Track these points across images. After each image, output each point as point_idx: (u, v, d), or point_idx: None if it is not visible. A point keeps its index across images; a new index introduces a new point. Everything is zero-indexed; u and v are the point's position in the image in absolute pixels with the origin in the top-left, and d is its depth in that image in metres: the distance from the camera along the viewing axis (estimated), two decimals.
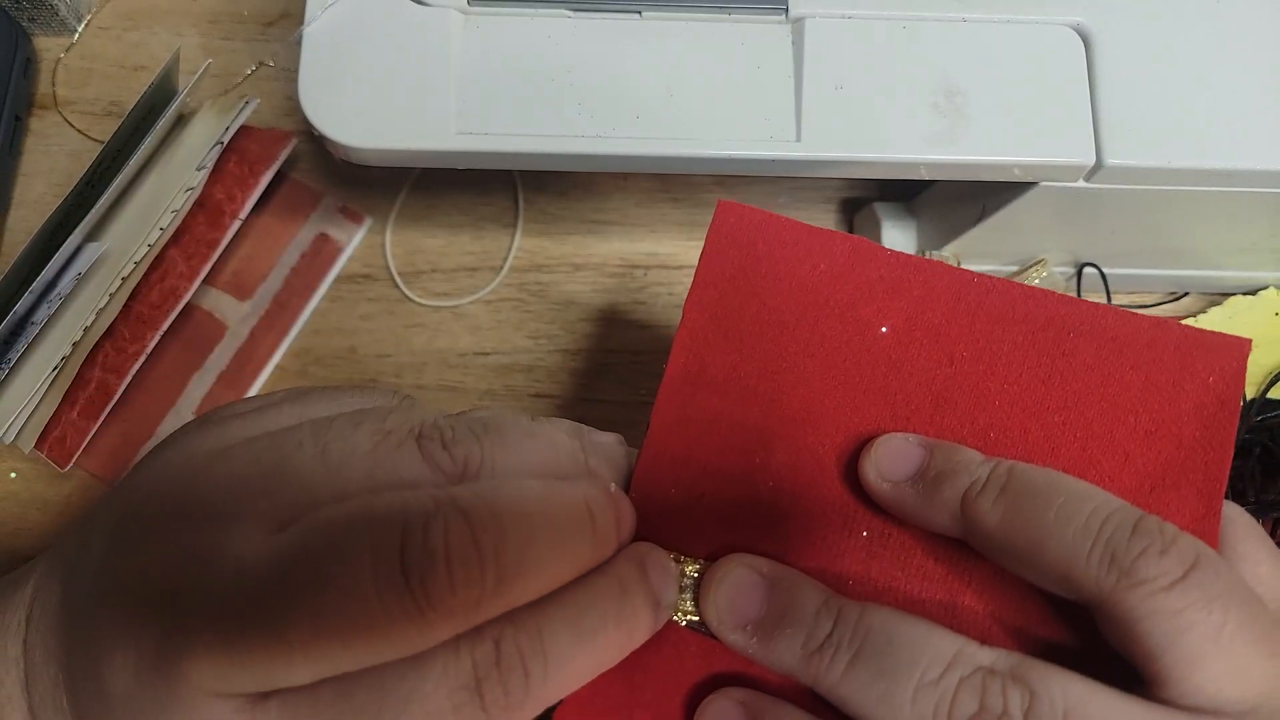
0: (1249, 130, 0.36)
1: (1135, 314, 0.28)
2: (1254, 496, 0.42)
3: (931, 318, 0.29)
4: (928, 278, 0.30)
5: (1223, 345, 0.28)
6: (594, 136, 0.36)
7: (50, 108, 0.51)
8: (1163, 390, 0.28)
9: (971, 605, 0.26)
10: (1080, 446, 0.27)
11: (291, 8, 0.53)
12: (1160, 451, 0.27)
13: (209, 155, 0.44)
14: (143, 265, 0.43)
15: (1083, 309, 0.29)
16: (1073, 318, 0.28)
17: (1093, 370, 0.28)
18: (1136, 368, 0.28)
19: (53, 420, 0.42)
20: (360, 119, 0.36)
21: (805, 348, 0.29)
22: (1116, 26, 0.37)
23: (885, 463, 0.26)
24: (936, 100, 0.36)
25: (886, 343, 0.29)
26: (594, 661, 0.23)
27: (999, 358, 0.28)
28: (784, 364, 0.29)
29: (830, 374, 0.29)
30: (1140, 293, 0.49)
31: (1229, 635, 0.21)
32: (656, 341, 0.48)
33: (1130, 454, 0.27)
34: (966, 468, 0.25)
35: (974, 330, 0.29)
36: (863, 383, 0.29)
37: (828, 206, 0.50)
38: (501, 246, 0.49)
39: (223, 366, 0.46)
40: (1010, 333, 0.29)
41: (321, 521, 0.20)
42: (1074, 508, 0.23)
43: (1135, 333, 0.28)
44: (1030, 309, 0.29)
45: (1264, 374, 0.44)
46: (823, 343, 0.29)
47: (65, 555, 0.25)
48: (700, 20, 0.37)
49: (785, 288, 0.30)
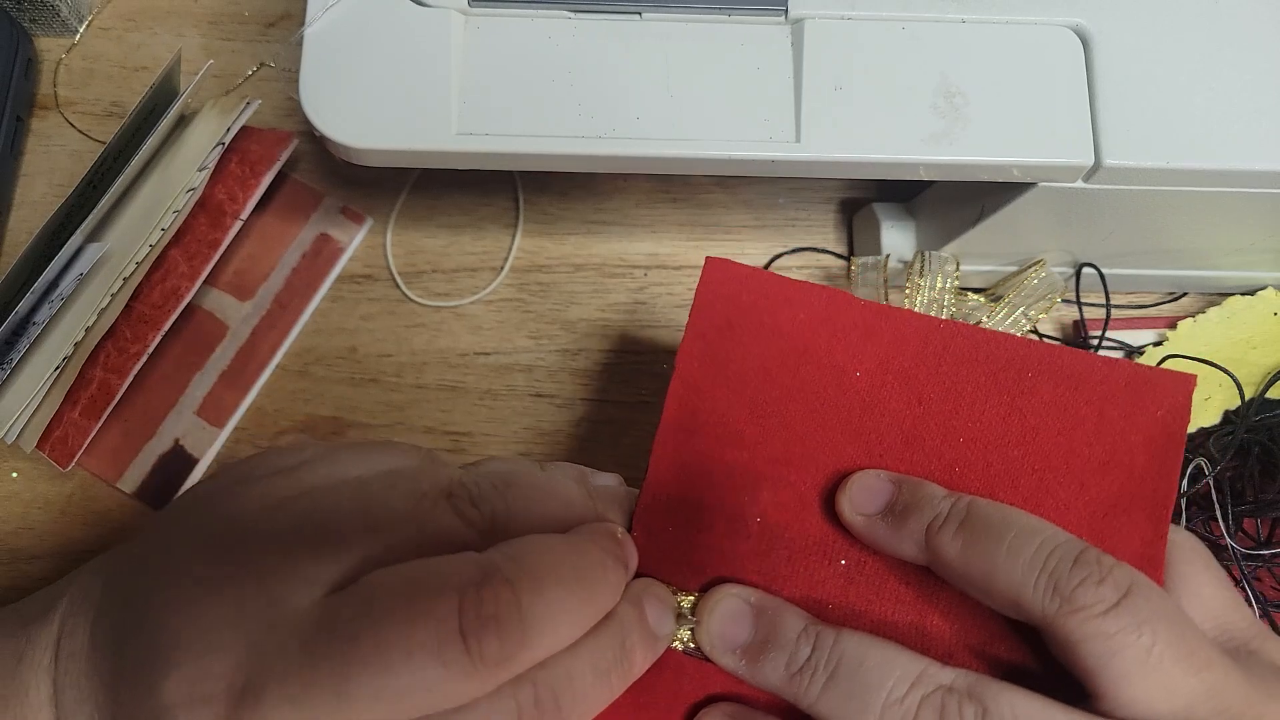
0: (1247, 131, 0.37)
1: (1089, 353, 0.31)
2: (1252, 496, 0.42)
3: (901, 362, 0.31)
4: (897, 324, 0.32)
5: (1170, 381, 0.30)
6: (594, 137, 0.36)
7: (51, 108, 0.51)
8: (1115, 424, 0.30)
9: (938, 626, 0.29)
10: (1038, 478, 0.30)
11: (292, 8, 0.53)
12: (1113, 480, 0.29)
13: (210, 156, 0.44)
14: (144, 265, 0.43)
15: (1041, 350, 0.31)
16: (1031, 358, 0.31)
17: (1050, 407, 0.30)
18: (1090, 403, 0.30)
19: (54, 420, 0.43)
20: (361, 120, 0.36)
21: (787, 393, 0.32)
22: (1115, 27, 0.37)
23: (858, 497, 0.29)
24: (935, 101, 0.36)
25: (860, 385, 0.32)
26: (609, 695, 0.25)
27: (963, 397, 0.31)
28: (769, 408, 0.32)
29: (810, 416, 0.32)
30: (1139, 293, 0.49)
31: (1157, 655, 0.23)
32: (656, 341, 0.48)
33: (1085, 483, 0.29)
34: (930, 502, 0.28)
35: (940, 372, 0.31)
36: (839, 423, 0.31)
37: (827, 207, 0.50)
38: (502, 247, 0.49)
39: (224, 366, 0.46)
40: (974, 373, 0.31)
41: (380, 584, 0.22)
42: (1023, 541, 0.26)
43: (1089, 370, 0.30)
44: (992, 351, 0.31)
45: (1262, 374, 0.44)
46: (803, 388, 0.32)
47: (92, 598, 0.26)
48: (700, 21, 0.37)
49: (768, 337, 0.32)
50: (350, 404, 0.46)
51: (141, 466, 0.44)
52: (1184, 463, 0.42)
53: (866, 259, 0.47)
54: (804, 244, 0.50)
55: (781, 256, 0.49)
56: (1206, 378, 0.44)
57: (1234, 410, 0.44)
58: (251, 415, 0.46)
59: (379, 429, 0.46)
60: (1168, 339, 0.46)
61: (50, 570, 0.44)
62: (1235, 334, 0.46)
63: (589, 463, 0.33)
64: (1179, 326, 0.47)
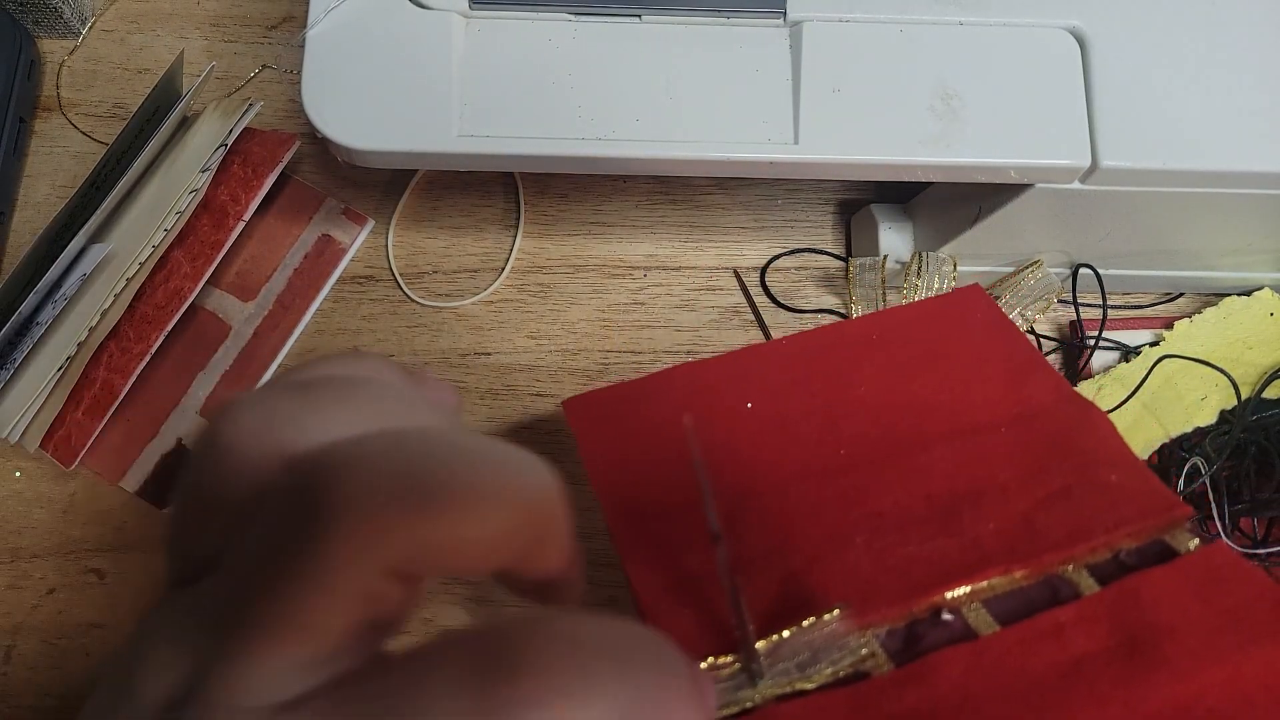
0: (1243, 132, 0.37)
1: (899, 307, 0.38)
2: (1249, 495, 0.43)
3: (776, 380, 0.36)
4: (755, 359, 0.37)
5: (967, 293, 0.38)
6: (594, 139, 0.36)
7: (54, 110, 0.51)
8: (963, 333, 0.36)
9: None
10: (950, 390, 0.35)
11: (295, 11, 0.53)
12: (996, 366, 0.35)
13: (213, 157, 0.44)
14: (147, 266, 0.43)
15: (868, 321, 0.37)
16: (871, 328, 0.37)
17: (913, 351, 0.36)
18: (933, 333, 0.36)
19: (58, 419, 0.43)
20: (363, 121, 0.36)
21: (707, 440, 0.34)
22: (1112, 29, 0.38)
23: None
24: (933, 103, 0.37)
25: (759, 412, 0.35)
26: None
27: (844, 376, 0.35)
28: (685, 478, 0.33)
29: (736, 455, 0.34)
30: (1135, 293, 0.49)
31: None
32: (656, 341, 0.48)
33: (988, 377, 0.35)
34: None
35: (810, 374, 0.35)
36: (767, 446, 0.34)
37: (825, 208, 0.51)
38: (503, 248, 0.49)
39: (226, 366, 0.46)
40: (836, 357, 0.36)
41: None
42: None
43: (915, 315, 0.37)
44: (838, 336, 0.37)
45: (1259, 374, 0.45)
46: (717, 429, 0.34)
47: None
48: (699, 24, 0.37)
49: (653, 426, 0.35)
50: None
51: (144, 466, 0.45)
52: (1181, 462, 0.43)
53: (864, 260, 0.47)
54: (802, 245, 0.50)
55: (780, 257, 0.49)
56: (1203, 378, 0.45)
57: (1230, 410, 0.44)
58: None
59: None
60: (1164, 339, 0.46)
61: (52, 570, 0.44)
62: (1231, 334, 0.46)
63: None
64: (1175, 327, 0.47)
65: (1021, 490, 0.31)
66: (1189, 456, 0.42)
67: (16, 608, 0.43)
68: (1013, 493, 0.31)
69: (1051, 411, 0.33)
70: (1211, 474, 0.41)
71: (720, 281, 0.49)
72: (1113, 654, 0.26)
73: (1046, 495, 0.30)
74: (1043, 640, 0.26)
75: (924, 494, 0.31)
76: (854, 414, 0.34)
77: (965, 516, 0.30)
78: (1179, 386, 0.45)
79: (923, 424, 0.33)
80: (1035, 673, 0.26)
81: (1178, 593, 0.27)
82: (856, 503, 0.31)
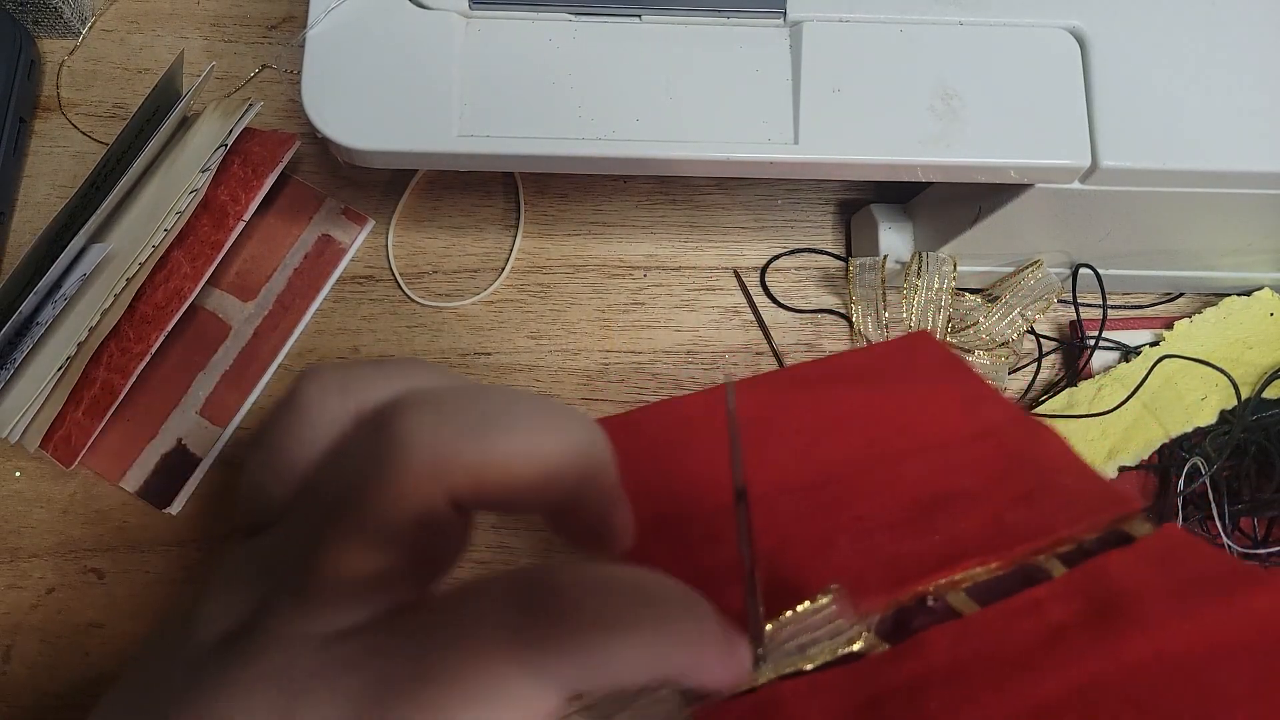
0: (1243, 132, 0.37)
1: (855, 350, 0.42)
2: (1249, 495, 0.43)
3: (750, 414, 0.37)
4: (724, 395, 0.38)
5: (916, 339, 0.41)
6: (594, 139, 0.36)
7: (54, 110, 0.51)
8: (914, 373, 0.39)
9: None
10: (915, 418, 0.37)
11: (295, 11, 0.53)
12: (955, 395, 0.37)
13: (213, 157, 0.44)
14: (147, 266, 0.43)
15: (826, 363, 0.40)
16: (827, 369, 0.39)
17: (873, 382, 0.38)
18: (897, 370, 0.39)
19: (58, 419, 0.43)
20: (363, 121, 0.36)
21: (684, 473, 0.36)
22: (1112, 29, 0.38)
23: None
24: (933, 103, 0.37)
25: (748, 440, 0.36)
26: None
27: (810, 405, 0.37)
28: (674, 494, 0.35)
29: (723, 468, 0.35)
30: (1135, 293, 0.49)
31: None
32: (656, 341, 0.48)
33: (945, 404, 0.37)
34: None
35: (780, 404, 0.37)
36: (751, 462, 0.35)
37: (825, 208, 0.51)
38: (503, 248, 0.49)
39: (226, 366, 0.46)
40: (802, 395, 0.38)
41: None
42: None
43: (871, 358, 0.40)
44: (803, 374, 0.39)
45: (1259, 374, 0.45)
46: (695, 461, 0.36)
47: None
48: (699, 23, 0.37)
49: (635, 458, 0.36)
50: None
51: (144, 466, 0.45)
52: (1181, 462, 0.43)
53: (863, 260, 0.47)
54: (802, 245, 0.50)
55: (780, 258, 0.49)
56: (1203, 378, 0.45)
57: (1230, 410, 0.44)
58: (254, 415, 0.46)
59: None
60: (1164, 339, 0.46)
61: (52, 569, 0.44)
62: (1231, 334, 0.46)
63: None
64: (1175, 327, 0.47)
65: (989, 494, 0.33)
66: (1189, 456, 0.42)
67: (16, 607, 0.43)
68: (981, 496, 0.33)
69: (1006, 429, 0.36)
70: (1211, 474, 0.41)
71: (720, 281, 0.49)
72: (1087, 618, 0.28)
73: (1012, 498, 0.33)
74: (1022, 614, 0.29)
75: (901, 501, 0.34)
76: (827, 437, 0.36)
77: (940, 517, 0.33)
78: (1179, 386, 0.45)
79: (892, 442, 0.36)
80: (1018, 640, 0.28)
81: (1141, 566, 0.30)
82: (840, 509, 0.34)
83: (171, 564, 0.44)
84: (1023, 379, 0.47)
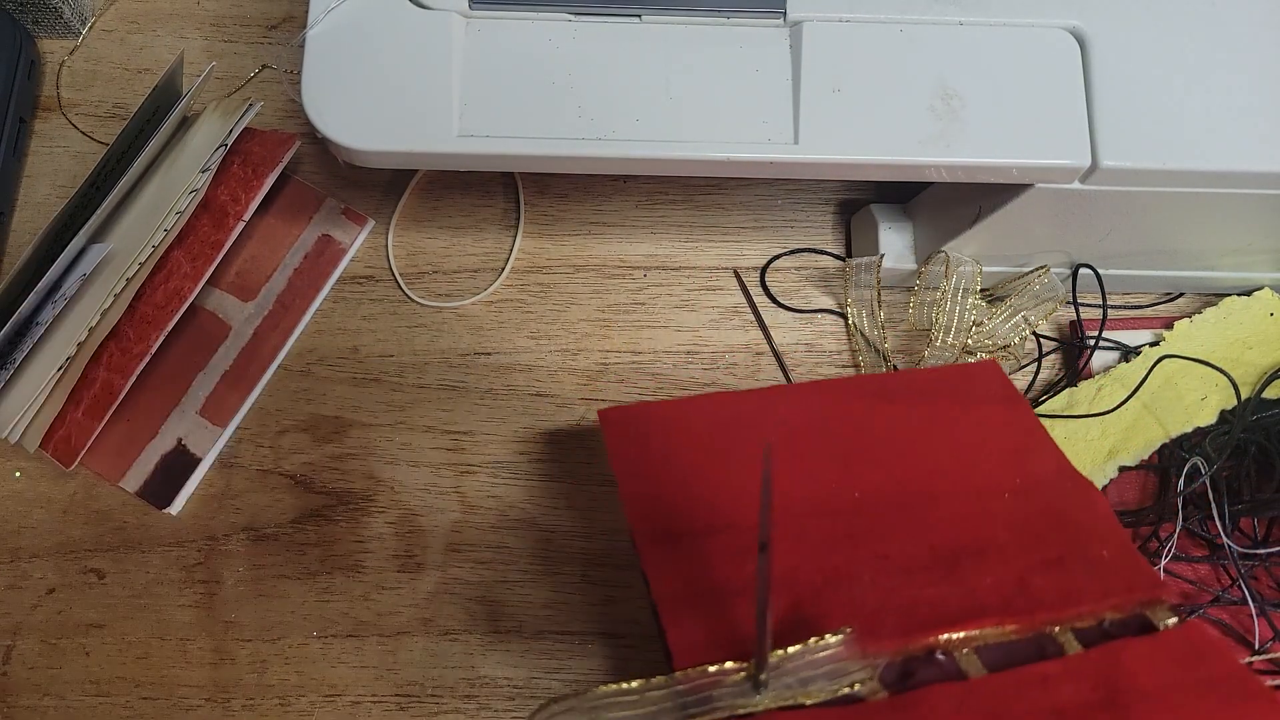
0: (1243, 132, 0.37)
1: (920, 370, 0.41)
2: (1249, 495, 0.43)
3: (801, 418, 0.38)
4: (783, 397, 0.39)
5: (982, 368, 0.41)
6: (594, 139, 0.36)
7: (54, 110, 0.51)
8: (973, 406, 0.38)
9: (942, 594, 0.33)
10: (961, 458, 0.36)
11: (295, 11, 0.53)
12: (1005, 440, 0.37)
13: (213, 157, 0.44)
14: (147, 266, 0.43)
15: (893, 378, 0.40)
16: (889, 385, 0.39)
17: (923, 412, 0.38)
18: (954, 398, 0.39)
19: (58, 420, 0.43)
20: (363, 122, 0.36)
21: (726, 474, 0.36)
22: (1112, 30, 0.38)
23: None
24: (933, 103, 0.37)
25: (781, 448, 0.37)
26: None
27: (861, 424, 0.38)
28: (719, 492, 0.36)
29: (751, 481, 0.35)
30: (1135, 293, 0.49)
31: None
32: (656, 341, 0.48)
33: (996, 447, 0.37)
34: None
35: (831, 418, 0.38)
36: (782, 480, 0.35)
37: (825, 209, 0.51)
38: (503, 248, 0.49)
39: (227, 366, 0.46)
40: (855, 406, 0.38)
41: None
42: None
43: (935, 379, 0.40)
44: (858, 389, 0.39)
45: (1259, 374, 0.45)
46: (733, 466, 0.36)
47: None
48: (699, 23, 0.37)
49: (684, 449, 0.37)
50: (352, 403, 0.47)
51: (144, 466, 0.45)
52: (1181, 462, 0.43)
53: (860, 260, 0.47)
54: (802, 245, 0.50)
55: (780, 258, 0.49)
56: (1203, 378, 0.45)
57: (1230, 410, 0.44)
58: (254, 415, 0.46)
59: (381, 428, 0.46)
60: (1164, 339, 0.46)
61: (52, 569, 0.44)
62: (1232, 334, 0.46)
63: (589, 460, 0.33)
64: (1175, 327, 0.47)
65: (1019, 553, 0.33)
66: (1189, 456, 0.42)
67: (16, 608, 0.43)
68: (1011, 554, 0.33)
69: (1052, 485, 0.36)
70: (1211, 474, 0.41)
71: (720, 281, 0.49)
72: (1093, 707, 0.28)
73: (1042, 560, 0.33)
74: (1028, 687, 0.28)
75: (929, 543, 0.34)
76: (869, 462, 0.36)
77: (966, 568, 0.33)
78: (1179, 386, 0.45)
79: (932, 480, 0.36)
80: (1017, 716, 0.28)
81: (1157, 661, 0.29)
82: (865, 543, 0.34)
83: (171, 564, 0.44)
84: (1023, 379, 0.47)
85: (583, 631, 0.44)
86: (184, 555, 0.44)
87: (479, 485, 0.45)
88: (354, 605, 0.44)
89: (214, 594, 0.44)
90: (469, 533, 0.45)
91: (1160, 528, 0.42)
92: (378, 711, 0.42)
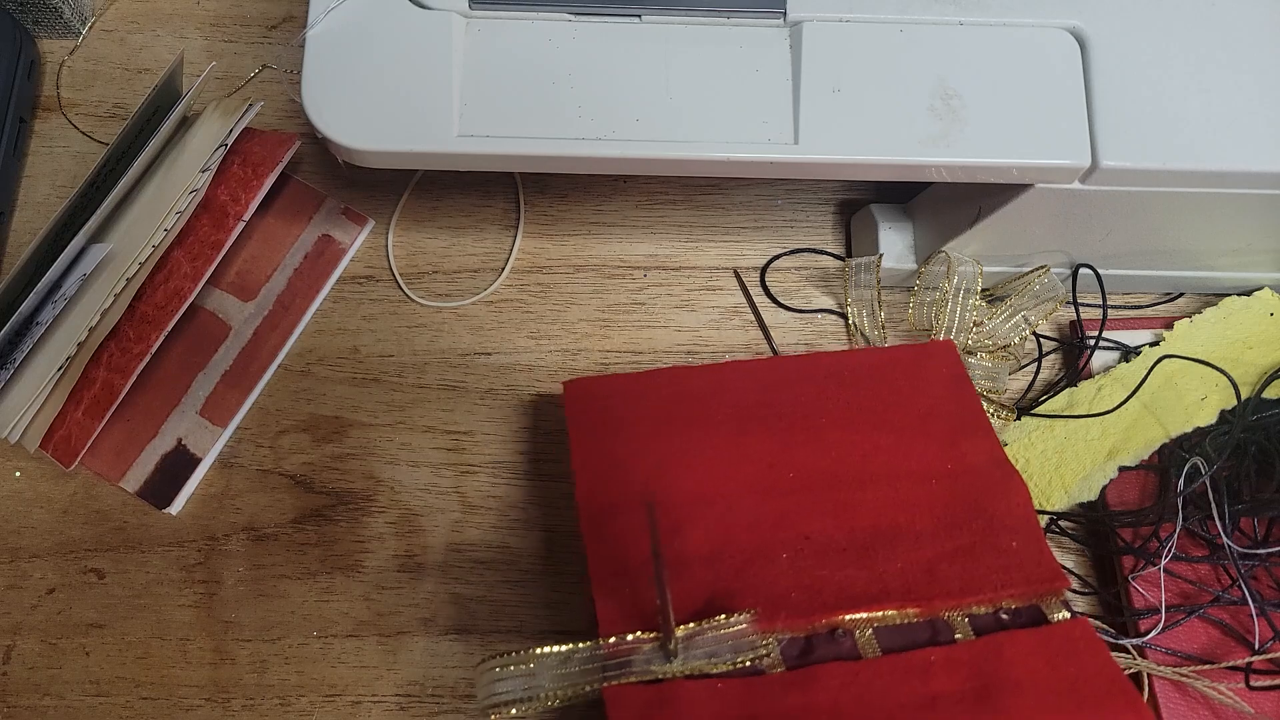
0: (1243, 132, 0.37)
1: (874, 349, 0.43)
2: (1249, 495, 0.43)
3: (752, 396, 0.39)
4: (737, 374, 0.40)
5: (937, 347, 0.42)
6: (594, 139, 0.36)
7: (54, 110, 0.51)
8: (923, 385, 0.40)
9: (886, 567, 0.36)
10: (895, 435, 0.38)
11: (295, 11, 0.53)
12: (944, 420, 0.39)
13: (213, 157, 0.44)
14: (147, 266, 0.43)
15: (844, 356, 0.41)
16: (841, 364, 0.40)
17: (871, 391, 0.39)
18: (900, 379, 0.40)
19: (58, 420, 0.43)
20: (363, 122, 0.36)
21: (674, 448, 0.38)
22: (1112, 30, 0.38)
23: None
24: (933, 103, 0.37)
25: (728, 424, 0.38)
26: None
27: (809, 401, 0.39)
28: (665, 465, 0.38)
29: (700, 457, 0.37)
30: (1135, 293, 0.49)
31: None
32: (656, 341, 0.48)
33: (933, 431, 0.38)
34: None
35: (783, 392, 0.39)
36: (726, 453, 0.38)
37: (825, 208, 0.51)
38: (503, 248, 0.49)
39: (227, 366, 0.46)
40: (808, 386, 0.40)
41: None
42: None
43: (885, 358, 0.41)
44: (812, 367, 0.40)
45: (1259, 374, 0.45)
46: (684, 440, 0.38)
47: None
48: (699, 23, 0.37)
49: (638, 419, 0.39)
50: (352, 403, 0.47)
51: (144, 466, 0.45)
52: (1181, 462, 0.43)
53: (859, 260, 0.47)
54: (802, 245, 0.50)
55: (780, 257, 0.49)
56: (1203, 378, 0.45)
57: (1230, 410, 0.44)
58: (254, 415, 0.46)
59: (381, 428, 0.46)
60: (1164, 339, 0.46)
61: (52, 569, 0.44)
62: (1231, 334, 0.46)
63: None
64: (1175, 327, 0.47)
65: (932, 540, 0.36)
66: (1189, 456, 0.42)
67: (16, 608, 0.43)
68: (925, 540, 0.36)
69: (980, 472, 0.38)
70: (1211, 474, 0.41)
71: (720, 281, 0.49)
72: (964, 698, 0.31)
73: (954, 548, 0.35)
74: (911, 674, 0.32)
75: (849, 526, 0.36)
76: (810, 443, 0.38)
77: (879, 553, 0.35)
78: (1179, 386, 0.45)
79: (866, 462, 0.38)
80: (897, 699, 0.31)
81: (1034, 655, 0.32)
82: (791, 524, 0.36)
83: (171, 564, 0.44)
84: (1023, 379, 0.47)
85: (583, 631, 0.44)
86: (184, 555, 0.44)
87: (479, 485, 0.45)
88: (354, 605, 0.44)
89: (214, 594, 0.44)
90: (469, 533, 0.45)
91: (1160, 528, 0.42)
92: (378, 711, 0.42)
